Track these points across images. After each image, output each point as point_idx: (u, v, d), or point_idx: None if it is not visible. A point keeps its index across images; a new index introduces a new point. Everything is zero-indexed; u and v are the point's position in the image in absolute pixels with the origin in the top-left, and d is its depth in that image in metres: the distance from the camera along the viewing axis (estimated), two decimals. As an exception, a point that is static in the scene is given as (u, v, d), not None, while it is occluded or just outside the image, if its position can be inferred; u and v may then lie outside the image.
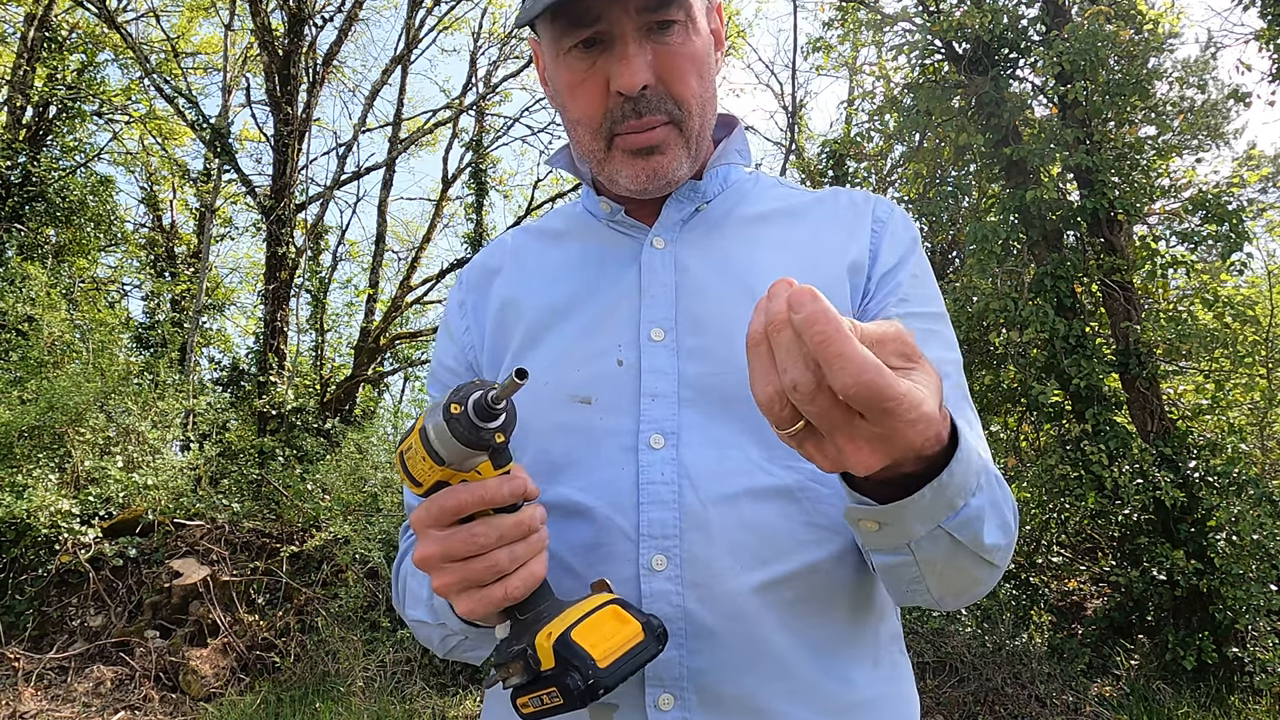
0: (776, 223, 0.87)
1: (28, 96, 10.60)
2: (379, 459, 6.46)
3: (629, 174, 0.80)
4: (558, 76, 0.81)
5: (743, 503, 0.72)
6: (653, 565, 0.71)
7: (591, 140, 0.81)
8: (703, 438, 0.74)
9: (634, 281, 0.82)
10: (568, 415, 0.77)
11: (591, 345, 0.80)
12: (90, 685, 4.56)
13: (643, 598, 0.71)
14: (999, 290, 5.34)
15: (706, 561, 0.71)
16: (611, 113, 0.78)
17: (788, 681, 0.71)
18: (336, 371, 11.55)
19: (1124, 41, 5.35)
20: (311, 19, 10.18)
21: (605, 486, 0.74)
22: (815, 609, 0.73)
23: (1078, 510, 5.36)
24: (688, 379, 0.77)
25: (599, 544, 0.74)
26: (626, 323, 0.80)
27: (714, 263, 0.83)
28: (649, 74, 0.75)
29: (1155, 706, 4.36)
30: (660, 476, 0.73)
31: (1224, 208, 4.99)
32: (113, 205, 11.96)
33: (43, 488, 5.11)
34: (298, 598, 5.29)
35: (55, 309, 7.04)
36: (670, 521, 0.72)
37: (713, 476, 0.73)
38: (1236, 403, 5.79)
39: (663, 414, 0.75)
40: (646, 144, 0.78)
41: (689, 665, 0.70)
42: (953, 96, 5.90)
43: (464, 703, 4.55)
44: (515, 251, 0.93)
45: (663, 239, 0.85)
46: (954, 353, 0.83)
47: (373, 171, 11.82)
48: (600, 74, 0.77)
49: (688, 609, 0.70)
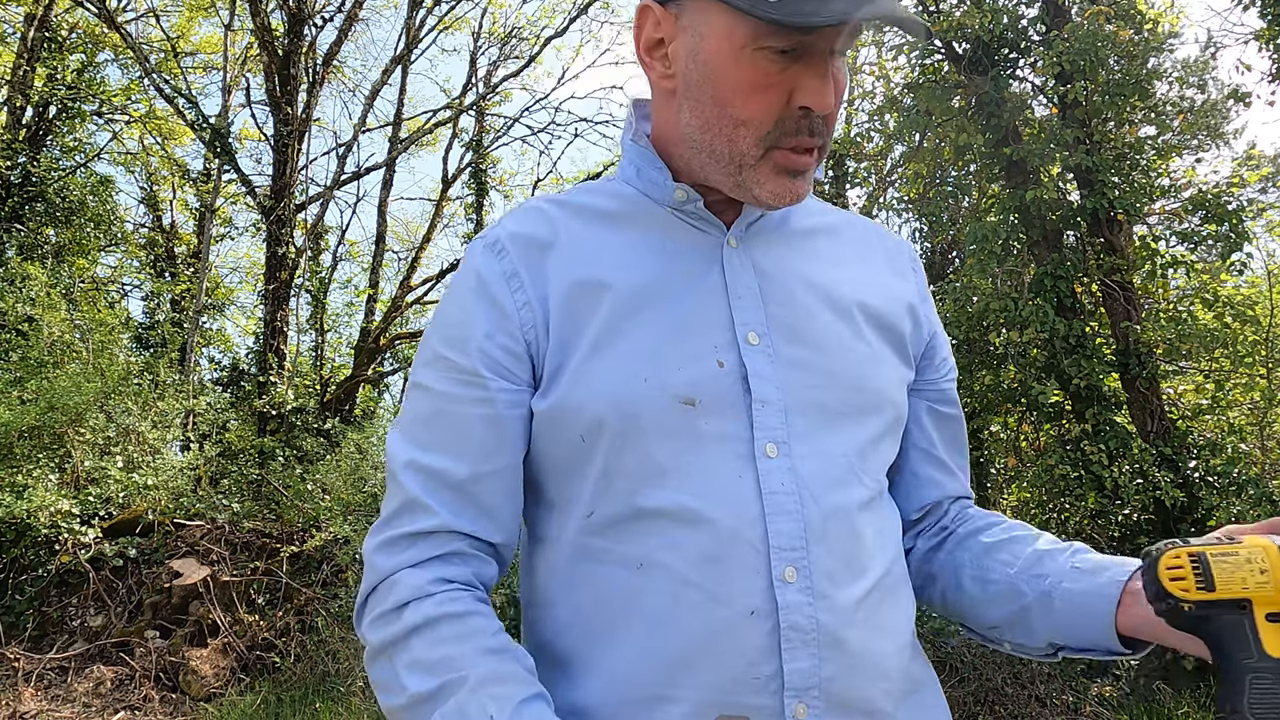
0: (826, 238, 0.88)
1: (28, 96, 10.60)
2: (379, 459, 6.46)
3: (773, 189, 0.76)
4: (736, 72, 0.73)
5: (851, 514, 0.75)
6: (785, 577, 0.71)
7: (752, 145, 0.75)
8: (811, 448, 0.75)
9: (718, 280, 0.79)
10: (674, 417, 0.73)
11: (686, 345, 0.76)
12: (90, 685, 4.56)
13: (779, 609, 0.70)
14: (999, 290, 5.35)
15: (829, 572, 0.73)
16: (783, 123, 0.74)
17: (886, 681, 0.75)
18: (336, 371, 11.55)
19: (1124, 41, 5.35)
20: (311, 19, 10.19)
21: (724, 496, 0.72)
22: (893, 609, 0.78)
23: (1078, 510, 5.36)
24: (789, 388, 0.76)
25: (724, 556, 0.71)
26: (719, 324, 0.77)
27: (789, 270, 0.82)
28: (833, 97, 0.74)
29: (1155, 706, 4.36)
30: (781, 486, 0.73)
31: (1224, 208, 4.99)
32: (113, 205, 11.97)
33: (43, 488, 5.11)
34: (298, 598, 5.29)
35: (55, 309, 7.04)
36: (796, 533, 0.72)
37: (826, 488, 0.74)
38: (1236, 403, 5.79)
39: (774, 422, 0.74)
40: (803, 167, 0.76)
41: (820, 674, 0.71)
42: (953, 96, 5.90)
43: (464, 703, 4.55)
44: (565, 227, 0.82)
45: (735, 239, 0.82)
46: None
47: (373, 171, 11.83)
48: (788, 83, 0.73)
49: (819, 620, 0.71)
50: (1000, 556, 0.83)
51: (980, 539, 0.86)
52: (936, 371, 0.91)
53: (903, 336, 0.85)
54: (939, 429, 0.91)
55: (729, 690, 0.70)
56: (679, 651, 0.70)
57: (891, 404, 0.82)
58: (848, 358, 0.79)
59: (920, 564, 0.91)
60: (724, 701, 0.70)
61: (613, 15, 12.76)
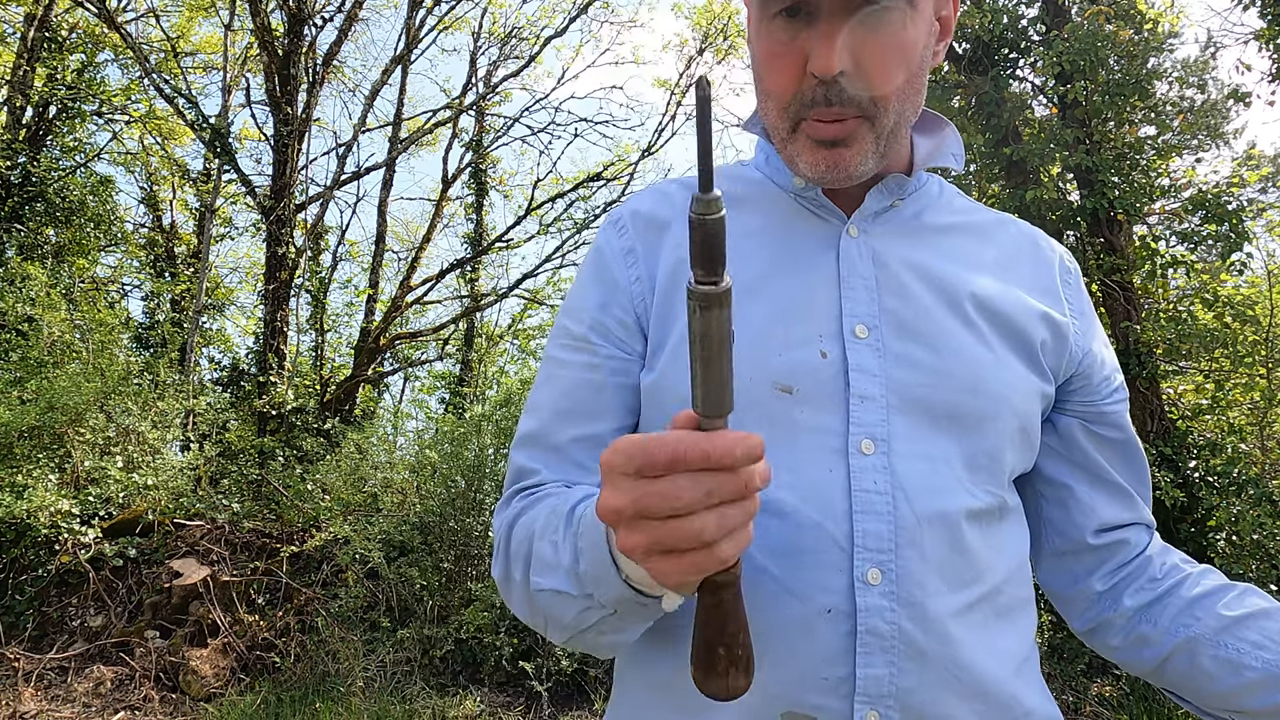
0: (963, 236, 0.84)
1: (28, 96, 10.60)
2: (379, 459, 6.46)
3: (809, 161, 0.75)
4: (758, 43, 0.75)
5: (953, 521, 0.71)
6: (868, 579, 0.68)
7: (778, 118, 0.76)
8: (913, 449, 0.72)
9: (831, 269, 0.77)
10: (770, 403, 0.72)
11: (790, 331, 0.74)
12: (90, 685, 4.56)
13: (858, 611, 0.68)
14: (999, 290, 5.34)
15: (920, 579, 0.69)
16: (802, 94, 0.72)
17: (984, 703, 0.70)
18: (336, 371, 11.55)
19: (1124, 41, 5.35)
20: (311, 19, 10.18)
21: (812, 488, 0.70)
22: (1004, 631, 0.73)
23: (1078, 510, 5.35)
24: (895, 385, 0.73)
25: (804, 550, 0.69)
26: (827, 313, 0.75)
27: (911, 264, 0.79)
28: (847, 59, 0.69)
29: (1155, 706, 4.36)
30: (874, 485, 0.70)
31: (1224, 208, 4.99)
32: (113, 205, 11.96)
33: (43, 488, 5.11)
34: (298, 598, 5.29)
35: (55, 309, 7.04)
36: (886, 534, 0.69)
37: (925, 491, 0.71)
38: (1236, 403, 5.79)
39: (873, 418, 0.72)
40: (834, 136, 0.73)
41: (898, 684, 0.68)
42: (953, 96, 5.90)
43: (464, 703, 4.55)
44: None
45: (857, 228, 0.79)
46: None
47: (373, 171, 11.81)
48: (800, 49, 0.71)
49: (902, 627, 0.68)
50: (1250, 636, 0.75)
51: (1219, 610, 0.78)
52: (1096, 393, 0.84)
53: (1033, 345, 0.79)
54: (1103, 450, 0.85)
55: (797, 687, 0.68)
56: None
57: (1013, 411, 0.75)
58: (964, 359, 0.75)
59: (1131, 623, 0.83)
60: (791, 698, 0.68)
61: (613, 15, 12.75)
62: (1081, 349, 0.84)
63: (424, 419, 8.42)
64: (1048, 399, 0.81)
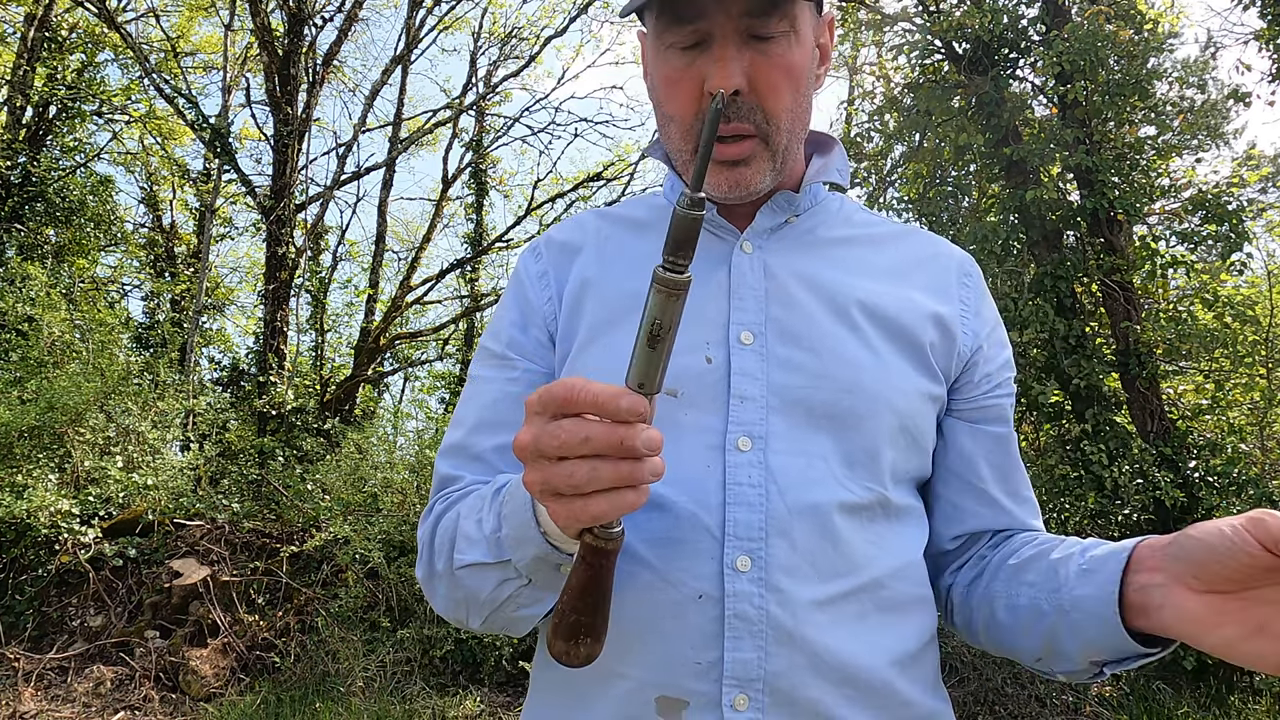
0: (859, 247, 0.88)
1: (28, 96, 10.60)
2: (379, 459, 6.46)
3: (713, 181, 0.80)
4: (656, 70, 0.81)
5: (825, 514, 0.74)
6: (737, 566, 0.72)
7: (681, 140, 0.81)
8: (790, 446, 0.75)
9: (723, 282, 0.82)
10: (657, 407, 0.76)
11: (679, 339, 0.78)
12: (90, 685, 4.56)
13: (726, 597, 0.71)
14: (999, 290, 5.35)
15: (789, 568, 0.72)
16: (702, 114, 0.78)
17: (854, 689, 0.72)
18: (336, 371, 11.55)
19: (1124, 41, 5.35)
20: (311, 19, 10.18)
21: (689, 482, 0.74)
22: (881, 623, 0.75)
23: (1078, 510, 5.36)
24: (776, 387, 0.77)
25: (680, 539, 0.73)
26: (715, 322, 0.80)
27: (801, 275, 0.83)
28: (742, 79, 0.75)
29: (1155, 706, 4.36)
30: (747, 479, 0.74)
31: (1224, 208, 5.00)
32: (113, 205, 11.97)
33: (43, 488, 5.11)
34: (298, 598, 5.29)
35: (55, 309, 7.04)
36: (756, 524, 0.73)
37: (798, 484, 0.74)
38: (1236, 403, 5.79)
39: (752, 417, 0.76)
40: (734, 157, 0.79)
41: (766, 667, 0.71)
42: (953, 96, 5.90)
43: (464, 703, 4.55)
44: (597, 234, 0.92)
45: (751, 244, 0.85)
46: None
47: (373, 171, 11.82)
48: (697, 74, 0.77)
49: (770, 612, 0.71)
50: (1026, 577, 0.77)
51: (1009, 562, 0.80)
52: (976, 389, 0.86)
53: (921, 346, 0.82)
54: (984, 454, 0.86)
55: (670, 672, 0.71)
56: (629, 629, 0.72)
57: (893, 410, 0.78)
58: (845, 361, 0.78)
59: (961, 601, 0.87)
60: (665, 683, 0.71)
61: (612, 15, 12.75)
62: (970, 347, 0.86)
63: (424, 419, 8.42)
64: (938, 400, 0.84)
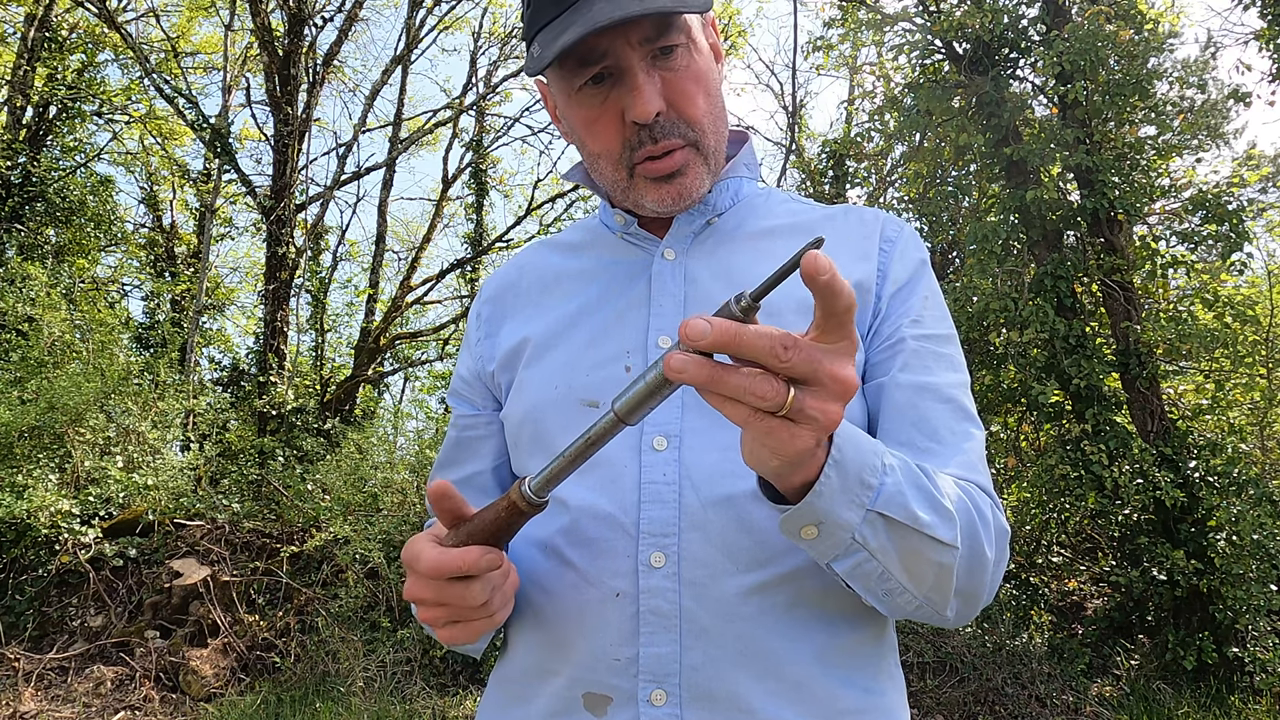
0: (785, 237, 0.88)
1: (28, 96, 10.60)
2: (379, 459, 6.46)
3: (655, 198, 0.82)
4: (572, 115, 0.83)
5: (741, 505, 0.74)
6: (651, 562, 0.73)
7: (614, 171, 0.83)
8: (705, 441, 0.76)
9: (643, 291, 0.85)
10: (576, 418, 0.80)
11: (600, 352, 0.83)
12: (90, 685, 4.56)
13: (640, 594, 0.73)
14: (999, 290, 5.34)
15: (704, 560, 0.73)
16: (629, 142, 0.80)
17: (778, 683, 0.72)
18: (336, 371, 11.55)
19: (1124, 41, 5.35)
20: (311, 19, 10.18)
21: (609, 485, 0.77)
22: (810, 615, 0.74)
23: (1078, 510, 5.36)
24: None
25: (599, 540, 0.75)
26: (635, 331, 0.83)
27: (722, 274, 0.85)
28: (659, 101, 0.77)
29: (1155, 706, 4.36)
30: (662, 476, 0.75)
31: (1224, 208, 4.99)
32: (113, 205, 11.97)
33: (43, 488, 5.11)
34: (298, 598, 5.29)
35: (55, 309, 7.04)
36: (669, 520, 0.74)
37: (713, 478, 0.75)
38: (1236, 403, 5.79)
39: (667, 417, 0.77)
40: (670, 170, 0.80)
41: (683, 661, 0.71)
42: (953, 96, 5.90)
43: (464, 703, 4.55)
44: (535, 265, 0.97)
45: (673, 251, 0.87)
46: (962, 374, 0.83)
47: (373, 171, 11.82)
48: (614, 107, 0.79)
49: (684, 606, 0.72)
50: None
51: None
52: (879, 337, 0.82)
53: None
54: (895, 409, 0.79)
55: (594, 669, 0.74)
56: (558, 628, 0.76)
57: None
58: None
59: None
60: (590, 679, 0.74)
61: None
62: (884, 300, 0.84)
63: (424, 419, 8.42)
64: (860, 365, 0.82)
